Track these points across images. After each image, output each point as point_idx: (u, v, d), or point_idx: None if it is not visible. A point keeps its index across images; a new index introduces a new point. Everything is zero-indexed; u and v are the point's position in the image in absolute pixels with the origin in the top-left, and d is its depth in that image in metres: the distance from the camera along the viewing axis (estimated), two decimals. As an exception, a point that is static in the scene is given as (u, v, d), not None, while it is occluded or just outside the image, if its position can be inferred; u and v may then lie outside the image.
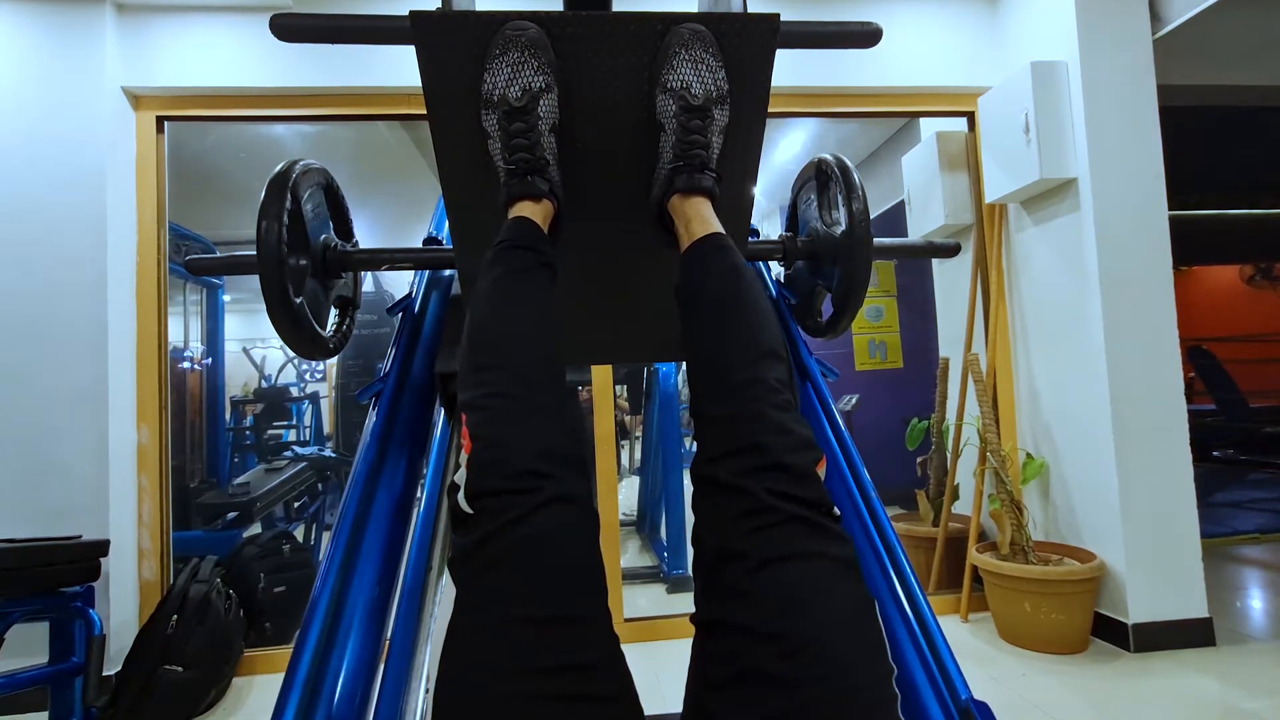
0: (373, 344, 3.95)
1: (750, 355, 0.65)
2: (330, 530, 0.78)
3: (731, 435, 0.59)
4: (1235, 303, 7.95)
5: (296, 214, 0.90)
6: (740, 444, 0.58)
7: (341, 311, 1.11)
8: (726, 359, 0.66)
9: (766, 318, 0.70)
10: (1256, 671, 1.96)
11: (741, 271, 0.73)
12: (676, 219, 0.79)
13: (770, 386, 0.62)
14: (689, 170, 0.78)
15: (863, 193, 0.99)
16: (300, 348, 0.94)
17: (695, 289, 0.73)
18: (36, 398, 2.13)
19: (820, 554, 0.52)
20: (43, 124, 2.20)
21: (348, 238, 1.09)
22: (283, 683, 0.64)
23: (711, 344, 0.68)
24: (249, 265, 0.89)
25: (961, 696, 0.69)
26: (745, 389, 0.62)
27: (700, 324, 0.70)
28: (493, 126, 0.78)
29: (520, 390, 0.63)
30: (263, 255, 0.84)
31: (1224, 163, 4.06)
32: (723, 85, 0.79)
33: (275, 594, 2.49)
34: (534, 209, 0.78)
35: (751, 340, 0.67)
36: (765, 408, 0.60)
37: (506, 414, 0.61)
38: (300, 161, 0.93)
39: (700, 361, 0.69)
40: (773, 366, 0.64)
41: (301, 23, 0.85)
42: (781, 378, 0.64)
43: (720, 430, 0.61)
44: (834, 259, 1.04)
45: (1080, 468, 2.36)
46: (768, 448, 0.57)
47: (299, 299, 0.90)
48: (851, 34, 0.92)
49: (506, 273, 0.72)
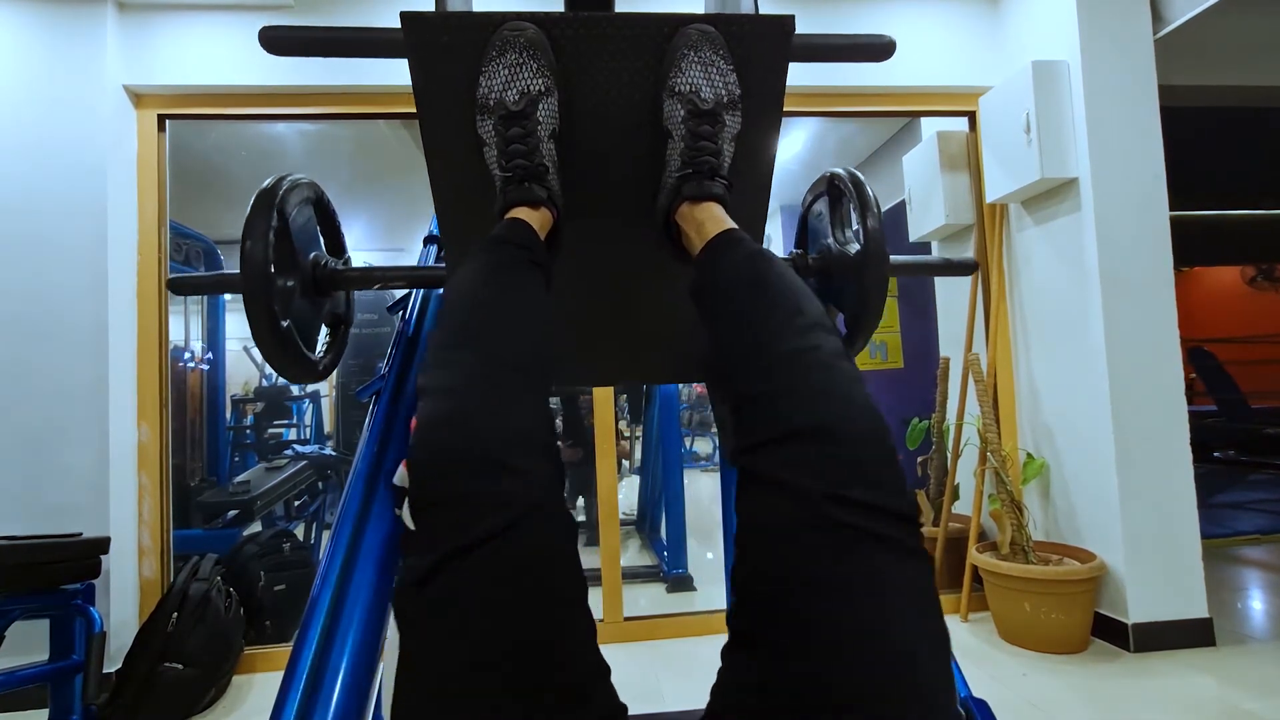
0: (373, 343, 3.95)
1: (797, 325, 0.55)
2: (330, 529, 0.78)
3: (778, 414, 0.48)
4: (1236, 304, 7.95)
5: (284, 231, 0.87)
6: (791, 426, 0.46)
7: (333, 329, 1.06)
8: (768, 330, 0.55)
9: (807, 293, 0.60)
10: (1256, 672, 1.96)
11: (770, 256, 0.65)
12: (686, 226, 0.74)
13: (825, 355, 0.52)
14: (698, 177, 0.72)
15: (878, 209, 0.95)
16: (288, 372, 0.90)
17: (718, 278, 0.65)
18: (37, 395, 2.13)
19: (889, 583, 0.40)
20: (44, 122, 2.20)
21: (339, 254, 1.05)
22: (282, 681, 0.64)
23: (748, 320, 0.58)
24: (233, 285, 0.85)
25: (961, 695, 0.69)
26: (795, 359, 0.51)
27: (730, 307, 0.61)
28: (488, 133, 0.74)
29: (491, 373, 0.54)
30: (247, 276, 0.80)
31: (1225, 163, 4.05)
32: (734, 90, 0.75)
33: (275, 592, 2.49)
34: (531, 215, 0.73)
35: (795, 310, 0.57)
36: (823, 378, 0.49)
37: (477, 395, 0.51)
38: (289, 176, 0.89)
39: (733, 343, 0.58)
40: (825, 336, 0.54)
41: (290, 34, 0.82)
42: (838, 349, 0.53)
43: (763, 409, 0.49)
44: (848, 277, 0.99)
45: (1081, 468, 2.36)
46: (829, 431, 0.45)
47: (286, 321, 0.86)
48: (864, 47, 0.89)
49: (491, 263, 0.66)
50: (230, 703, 2.10)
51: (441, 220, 0.87)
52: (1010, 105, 2.41)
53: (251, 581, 2.43)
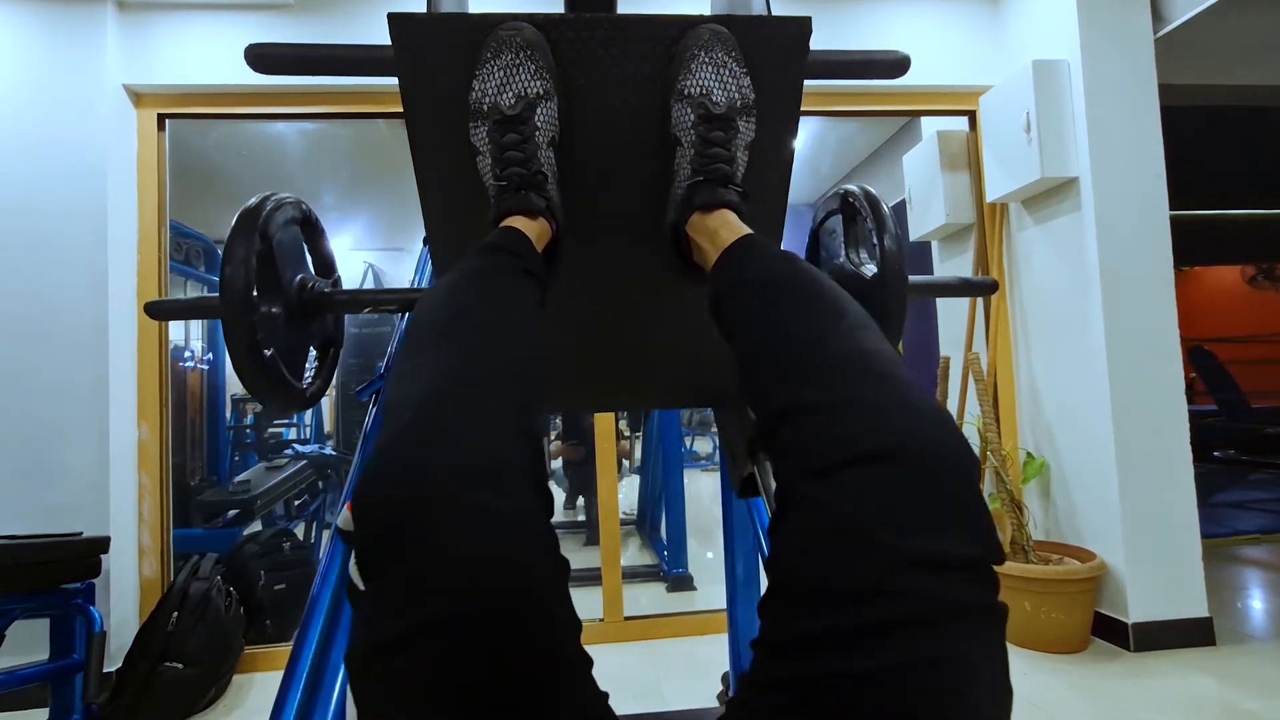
0: (373, 342, 3.96)
1: (846, 325, 0.48)
2: (330, 528, 0.78)
3: (841, 430, 0.39)
4: (1237, 303, 7.95)
5: (267, 255, 0.83)
6: (863, 449, 0.37)
7: (322, 352, 1.01)
8: (813, 332, 0.48)
9: (846, 294, 0.53)
10: (1257, 671, 1.96)
11: (797, 258, 0.59)
12: (698, 237, 0.67)
13: (886, 361, 0.44)
14: (710, 185, 0.66)
15: (895, 230, 0.90)
16: (272, 402, 0.85)
17: (746, 279, 0.58)
18: (37, 394, 2.13)
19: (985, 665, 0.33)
20: (44, 121, 2.20)
21: (328, 273, 1.01)
22: (282, 680, 0.64)
23: (784, 322, 0.51)
24: (212, 310, 0.81)
25: (961, 695, 0.68)
26: (851, 364, 0.44)
27: (764, 309, 0.54)
28: (482, 140, 0.69)
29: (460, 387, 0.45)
30: (226, 302, 0.76)
31: (1226, 163, 4.05)
32: (748, 94, 0.70)
33: (275, 592, 2.49)
34: (527, 225, 0.66)
35: (839, 311, 0.50)
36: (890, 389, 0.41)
37: (427, 414, 0.42)
38: (273, 195, 0.86)
39: (772, 348, 0.50)
40: (879, 341, 0.47)
41: (278, 52, 0.79)
42: (896, 355, 0.46)
43: (824, 423, 0.40)
44: (866, 300, 0.95)
45: (1081, 467, 2.36)
46: (914, 457, 0.36)
47: (269, 350, 0.82)
48: (878, 64, 0.87)
49: (476, 266, 0.60)
50: (230, 702, 2.10)
51: (431, 236, 0.81)
52: (1010, 104, 2.41)
53: (252, 581, 2.43)
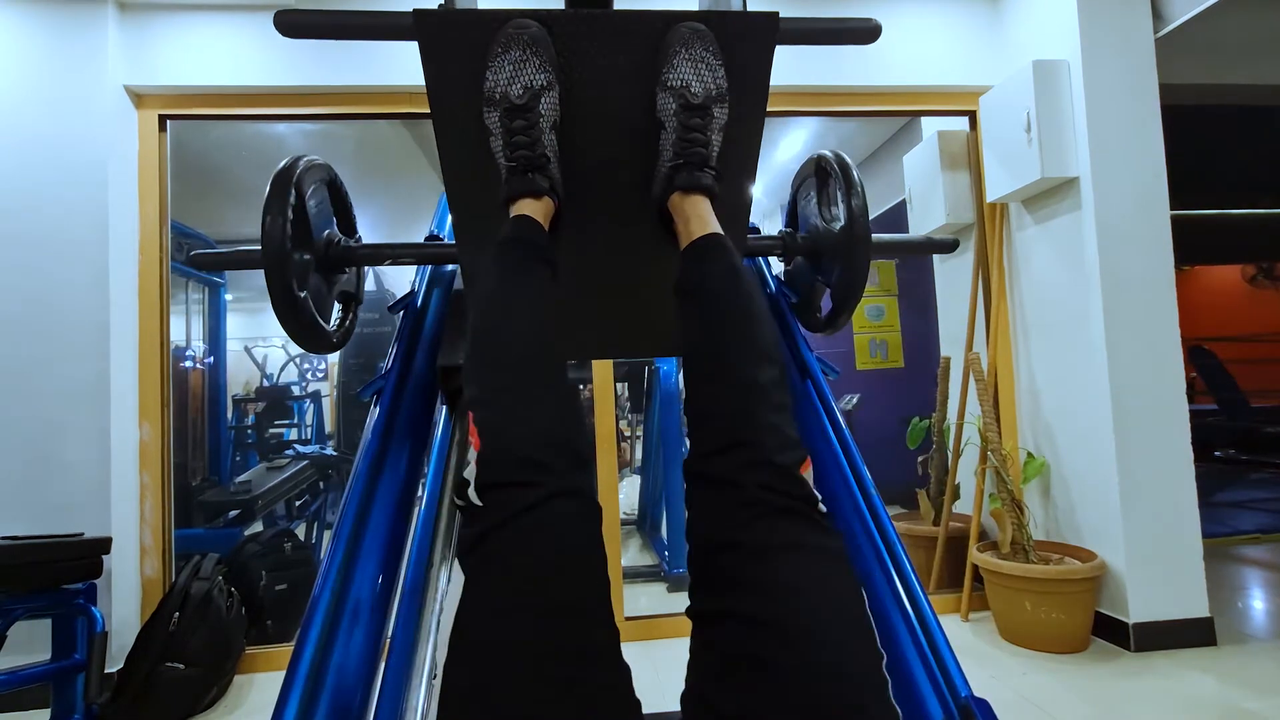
0: (374, 342, 3.95)
1: (748, 357, 0.67)
2: (331, 528, 0.78)
3: (725, 433, 0.61)
4: (1237, 302, 7.94)
5: (300, 209, 0.91)
6: (733, 440, 0.60)
7: (345, 306, 1.12)
8: (724, 359, 0.68)
9: (764, 319, 0.72)
10: (1257, 671, 1.96)
11: (740, 273, 0.74)
12: (676, 217, 0.81)
13: (766, 388, 0.64)
14: (689, 168, 0.79)
15: (862, 189, 1.00)
16: (304, 341, 0.95)
17: (694, 288, 0.75)
18: (39, 395, 2.13)
19: (811, 545, 0.54)
20: (45, 122, 2.20)
21: (351, 233, 1.10)
22: (284, 680, 0.64)
23: (710, 343, 0.70)
24: (253, 260, 0.90)
25: (961, 694, 0.69)
26: (743, 391, 0.64)
27: (699, 323, 0.72)
28: (494, 124, 0.79)
29: (521, 384, 0.65)
30: (267, 250, 0.85)
31: (1226, 162, 4.05)
32: (722, 84, 0.80)
33: (276, 592, 2.49)
34: (534, 206, 0.79)
35: (750, 341, 0.68)
36: (760, 408, 0.63)
37: (508, 408, 0.63)
38: (304, 157, 0.93)
39: (698, 359, 0.71)
40: (769, 369, 0.67)
41: (306, 19, 0.86)
42: (775, 379, 0.66)
43: (715, 428, 0.63)
44: (834, 255, 1.05)
45: (1081, 467, 2.36)
46: (759, 445, 0.59)
47: (303, 293, 0.91)
48: (850, 30, 0.92)
49: (507, 272, 0.74)
50: (231, 702, 2.11)
51: (452, 200, 0.93)
52: (1011, 104, 2.41)
53: (253, 581, 2.44)
